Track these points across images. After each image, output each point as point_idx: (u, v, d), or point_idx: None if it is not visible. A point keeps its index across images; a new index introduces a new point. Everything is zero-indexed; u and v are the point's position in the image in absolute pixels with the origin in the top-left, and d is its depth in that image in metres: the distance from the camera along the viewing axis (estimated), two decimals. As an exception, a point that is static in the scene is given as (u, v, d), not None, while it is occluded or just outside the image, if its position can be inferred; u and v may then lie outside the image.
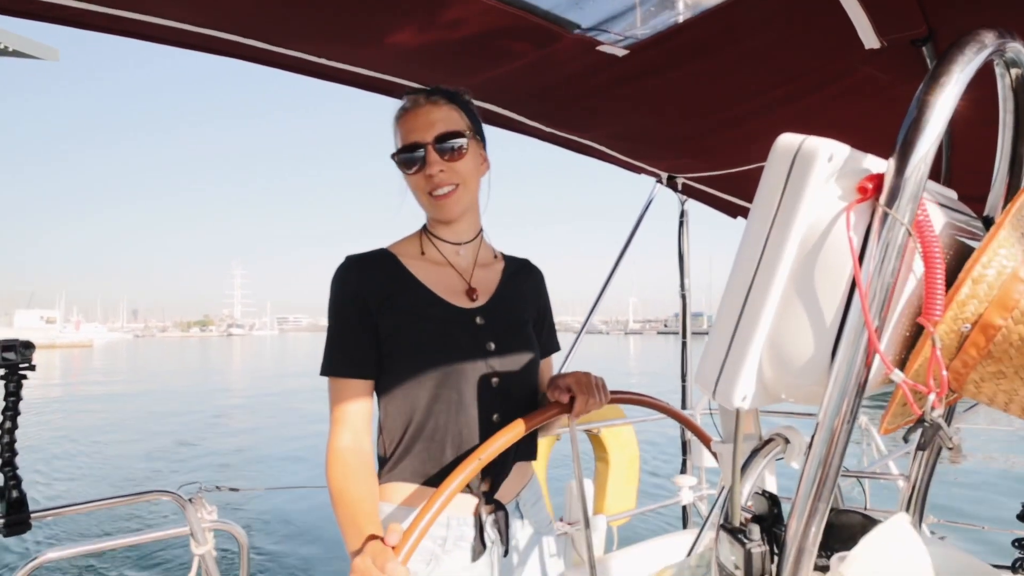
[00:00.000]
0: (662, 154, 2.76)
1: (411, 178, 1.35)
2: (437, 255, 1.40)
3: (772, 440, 0.86)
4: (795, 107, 1.99)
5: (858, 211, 0.62)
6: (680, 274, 3.43)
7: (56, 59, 4.26)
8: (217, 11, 1.48)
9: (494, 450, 1.19)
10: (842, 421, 0.61)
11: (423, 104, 1.35)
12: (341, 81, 1.86)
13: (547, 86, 1.95)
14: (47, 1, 1.35)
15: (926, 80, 0.60)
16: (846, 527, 0.79)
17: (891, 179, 0.59)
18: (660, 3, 1.53)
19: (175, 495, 1.94)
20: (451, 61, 1.76)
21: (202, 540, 1.95)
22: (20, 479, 1.62)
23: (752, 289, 0.67)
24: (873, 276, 0.59)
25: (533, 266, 1.57)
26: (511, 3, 1.46)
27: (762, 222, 0.67)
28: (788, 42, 1.60)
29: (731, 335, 0.68)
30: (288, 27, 1.57)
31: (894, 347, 0.69)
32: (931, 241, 0.61)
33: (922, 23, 1.42)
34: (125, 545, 2.10)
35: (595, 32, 1.62)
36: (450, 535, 1.28)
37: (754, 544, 0.71)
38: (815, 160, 0.64)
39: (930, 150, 0.59)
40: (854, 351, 0.60)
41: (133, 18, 1.45)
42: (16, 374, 1.61)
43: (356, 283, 1.32)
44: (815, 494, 0.63)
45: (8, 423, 1.60)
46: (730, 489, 0.74)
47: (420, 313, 1.32)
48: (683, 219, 3.35)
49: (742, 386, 0.68)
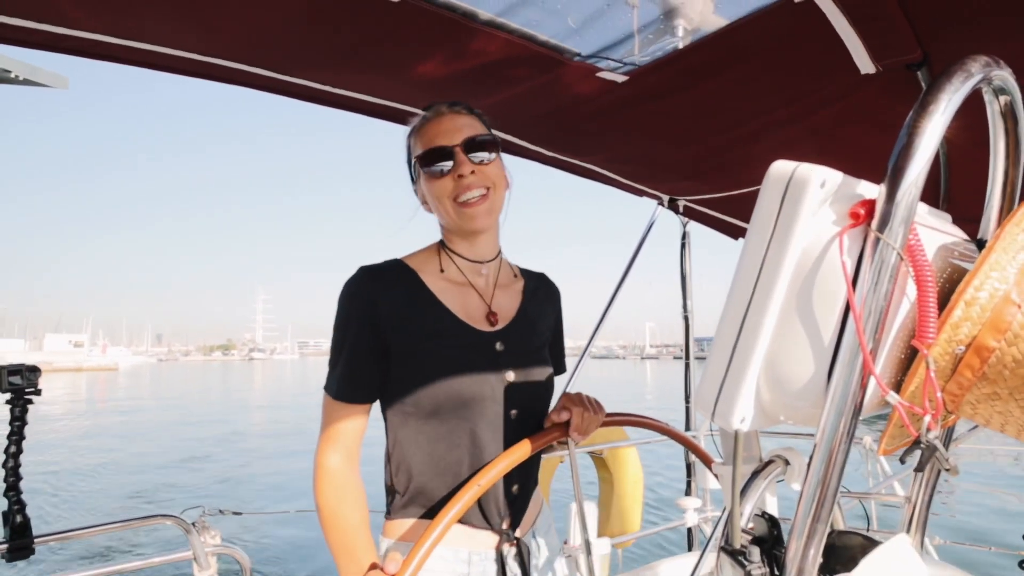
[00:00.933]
0: (663, 177, 2.78)
1: (436, 184, 1.25)
2: (457, 273, 1.31)
3: (772, 462, 0.86)
4: (792, 130, 2.02)
5: (851, 236, 0.64)
6: (683, 295, 3.44)
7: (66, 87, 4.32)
8: (230, 42, 1.51)
9: (493, 475, 1.16)
10: (839, 442, 0.62)
11: (446, 113, 1.29)
12: (345, 108, 1.89)
13: (549, 112, 1.98)
14: (61, 33, 1.38)
15: (916, 107, 0.62)
16: (846, 548, 0.79)
17: (882, 204, 0.61)
18: (658, 30, 1.56)
19: (178, 519, 1.94)
20: (454, 88, 1.80)
21: (205, 564, 1.95)
22: (24, 504, 1.62)
23: (749, 312, 0.68)
24: (867, 299, 0.61)
25: (550, 282, 1.51)
26: (513, 32, 1.50)
27: (758, 247, 0.68)
28: (784, 67, 1.63)
29: (729, 357, 0.69)
30: (297, 57, 1.61)
31: (890, 369, 0.70)
32: (923, 265, 0.63)
33: (916, 48, 1.44)
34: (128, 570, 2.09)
35: (595, 59, 1.65)
36: (472, 571, 1.23)
37: (754, 566, 0.71)
38: (807, 187, 0.65)
39: (920, 175, 0.61)
40: (849, 373, 0.61)
41: (149, 49, 1.48)
42: (22, 398, 1.62)
43: (369, 299, 1.22)
44: (814, 515, 0.64)
45: (13, 447, 1.61)
46: (730, 511, 0.75)
47: (438, 336, 1.24)
48: (684, 241, 3.37)
49: (740, 408, 0.69)
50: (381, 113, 1.92)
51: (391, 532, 1.27)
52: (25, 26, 1.34)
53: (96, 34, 1.41)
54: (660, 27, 1.56)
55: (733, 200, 2.82)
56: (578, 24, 1.52)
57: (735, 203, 2.87)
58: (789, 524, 0.68)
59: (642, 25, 1.55)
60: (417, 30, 1.47)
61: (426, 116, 1.30)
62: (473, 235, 1.30)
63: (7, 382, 1.59)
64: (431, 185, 1.27)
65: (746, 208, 2.90)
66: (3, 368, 1.60)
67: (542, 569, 1.36)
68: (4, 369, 1.60)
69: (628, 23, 1.55)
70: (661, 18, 1.52)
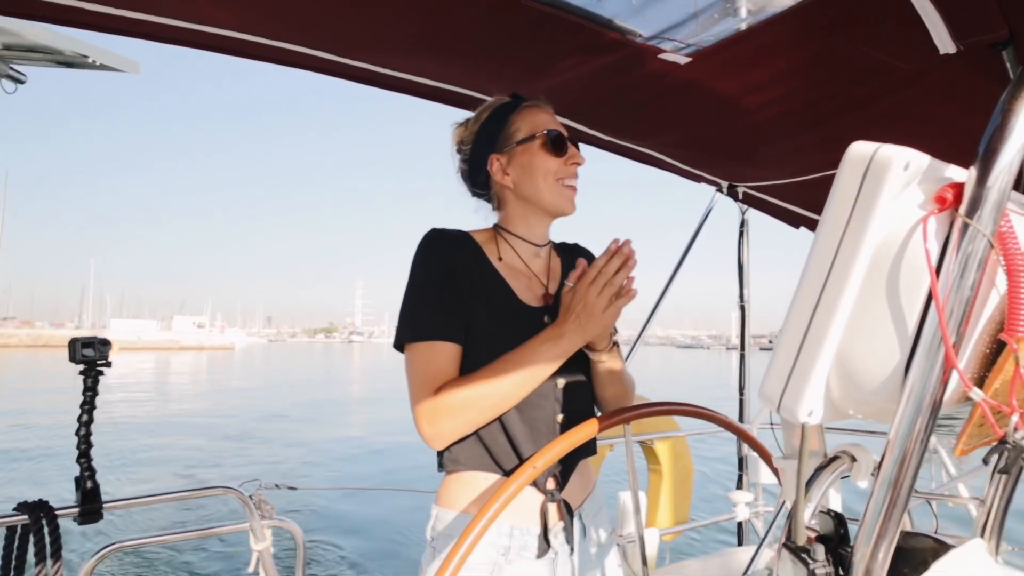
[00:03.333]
0: (723, 162, 2.71)
1: (550, 161, 1.32)
2: (514, 257, 1.37)
3: (838, 457, 0.83)
4: (864, 113, 1.93)
5: (936, 221, 0.60)
6: (739, 285, 3.35)
7: (137, 72, 4.49)
8: (299, 25, 1.53)
9: (550, 457, 1.13)
10: (915, 440, 0.59)
11: (543, 107, 1.38)
12: (408, 92, 1.90)
13: (608, 94, 1.95)
14: (131, 17, 1.42)
15: (1012, 85, 0.58)
16: (916, 551, 0.76)
17: (972, 188, 0.57)
18: (723, 10, 1.51)
19: (237, 492, 2.00)
20: (514, 70, 1.78)
21: (260, 536, 2.01)
22: (94, 470, 1.69)
23: (821, 301, 0.65)
24: (951, 289, 0.57)
25: (581, 248, 1.52)
26: (574, 11, 1.47)
27: (832, 233, 0.65)
28: (857, 47, 1.56)
29: (798, 348, 0.66)
30: (360, 41, 1.62)
31: (972, 364, 0.66)
32: (1015, 253, 0.58)
33: (1003, 25, 1.35)
34: (188, 539, 2.18)
35: (657, 40, 1.61)
36: (513, 544, 1.23)
37: (818, 565, 0.68)
38: (890, 169, 0.62)
39: (1015, 158, 0.57)
40: (930, 367, 0.58)
41: (214, 32, 1.52)
42: (94, 370, 1.69)
43: (448, 252, 1.28)
44: (885, 515, 0.61)
45: (85, 416, 1.68)
46: (794, 506, 0.72)
47: (496, 304, 1.28)
48: (743, 229, 3.28)
49: (808, 401, 0.66)
50: (442, 97, 1.93)
51: (444, 501, 1.28)
52: (99, 11, 1.39)
53: (165, 18, 1.45)
54: (724, 7, 1.50)
55: (797, 187, 2.73)
56: (640, 3, 1.48)
57: (799, 190, 2.78)
58: (852, 523, 0.65)
59: (705, 5, 1.50)
60: (478, 11, 1.46)
61: (527, 103, 1.37)
62: (549, 218, 1.38)
63: (81, 354, 1.66)
64: (545, 160, 1.32)
65: (810, 195, 2.81)
66: (77, 340, 1.67)
67: (592, 553, 1.35)
68: (78, 341, 1.67)
69: (690, 3, 1.50)
70: (725, -3, 1.47)
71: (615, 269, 1.15)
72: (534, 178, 1.33)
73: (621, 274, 1.15)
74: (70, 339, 1.67)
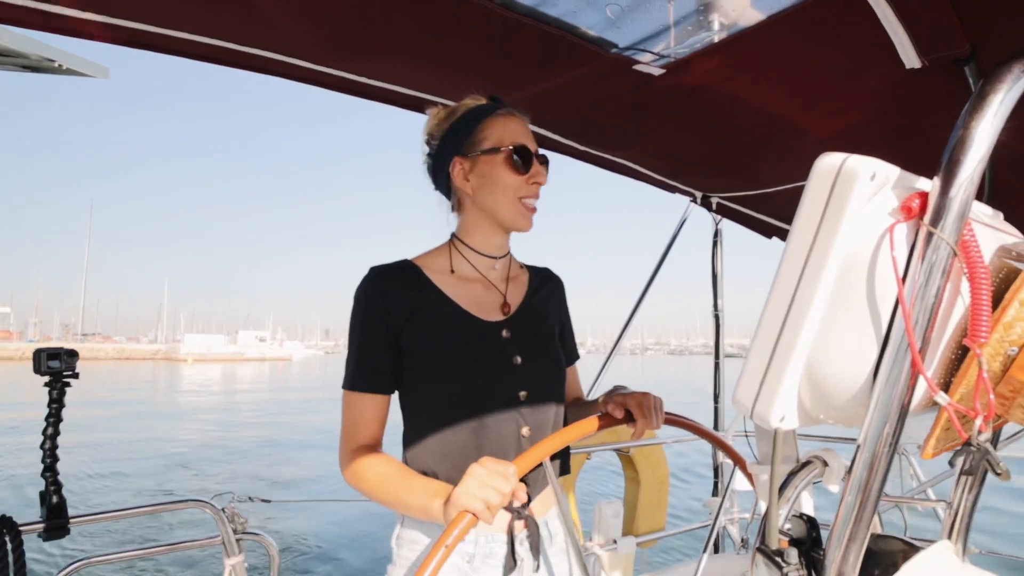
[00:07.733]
0: (697, 173, 2.74)
1: (512, 177, 1.30)
2: (469, 268, 1.37)
3: (810, 463, 0.84)
4: (833, 126, 1.97)
5: (902, 230, 0.61)
6: (713, 295, 3.40)
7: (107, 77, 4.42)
8: (266, 32, 1.52)
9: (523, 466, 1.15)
10: (883, 444, 0.60)
11: (516, 115, 1.35)
12: (382, 100, 1.89)
13: (582, 104, 1.96)
14: (102, 21, 1.40)
15: (972, 98, 0.60)
16: (886, 553, 0.77)
17: (936, 198, 0.59)
18: (696, 23, 1.53)
19: (209, 505, 1.97)
20: (489, 79, 1.79)
21: (232, 550, 1.98)
22: (61, 484, 1.65)
23: (792, 308, 0.66)
24: (917, 297, 0.58)
25: (554, 275, 1.54)
26: (550, 22, 1.48)
27: (803, 242, 0.66)
28: (827, 61, 1.59)
29: (770, 355, 0.67)
30: (334, 48, 1.61)
31: (938, 370, 0.67)
32: (977, 261, 0.60)
33: (965, 42, 1.40)
34: (158, 553, 2.13)
35: (632, 51, 1.63)
36: (478, 552, 1.25)
37: (791, 568, 0.69)
38: (857, 179, 0.63)
39: (976, 170, 0.59)
40: (897, 372, 0.59)
41: (186, 38, 1.50)
42: (60, 381, 1.65)
43: (381, 296, 1.28)
44: (855, 518, 0.62)
45: (50, 429, 1.63)
46: (767, 511, 0.73)
47: (445, 327, 1.28)
48: (717, 239, 3.33)
49: (780, 407, 0.67)
50: (417, 106, 1.92)
51: (407, 520, 1.29)
52: (71, 15, 1.37)
53: (138, 23, 1.43)
54: (698, 20, 1.53)
55: (769, 198, 2.78)
56: (616, 15, 1.50)
57: (771, 201, 2.82)
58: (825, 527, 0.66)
59: (679, 18, 1.53)
60: (454, 20, 1.46)
61: (500, 110, 1.34)
62: (506, 233, 1.37)
63: (46, 366, 1.62)
64: (506, 175, 1.30)
65: (782, 205, 2.85)
66: (42, 351, 1.63)
67: (557, 560, 1.35)
68: (43, 352, 1.63)
69: (665, 15, 1.52)
70: (699, 11, 1.49)
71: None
72: (494, 191, 1.31)
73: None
74: (35, 350, 1.64)
